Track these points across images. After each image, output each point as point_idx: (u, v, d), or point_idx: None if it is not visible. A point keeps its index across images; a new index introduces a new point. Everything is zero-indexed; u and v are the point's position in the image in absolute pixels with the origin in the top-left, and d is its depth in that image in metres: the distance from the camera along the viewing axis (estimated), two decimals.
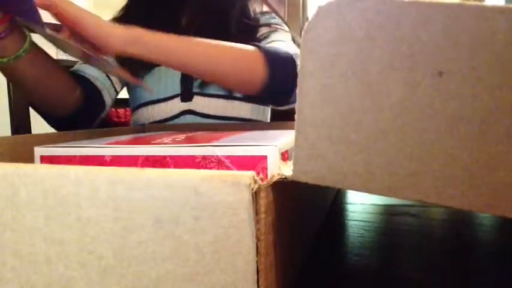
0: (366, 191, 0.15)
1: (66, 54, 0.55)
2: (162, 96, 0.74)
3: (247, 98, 0.76)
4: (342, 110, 0.15)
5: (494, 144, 0.13)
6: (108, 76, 0.72)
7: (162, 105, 0.74)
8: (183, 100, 0.74)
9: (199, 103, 0.73)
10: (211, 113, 0.74)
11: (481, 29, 0.13)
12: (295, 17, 1.65)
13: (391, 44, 0.14)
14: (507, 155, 0.13)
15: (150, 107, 0.75)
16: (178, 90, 0.74)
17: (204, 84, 0.73)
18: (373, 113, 0.15)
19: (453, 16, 0.13)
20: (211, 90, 0.74)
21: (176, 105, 0.74)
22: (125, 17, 0.74)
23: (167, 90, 0.74)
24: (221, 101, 0.74)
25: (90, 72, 0.70)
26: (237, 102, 0.75)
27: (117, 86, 0.75)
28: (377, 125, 0.15)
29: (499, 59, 0.13)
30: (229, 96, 0.74)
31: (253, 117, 0.78)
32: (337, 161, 0.15)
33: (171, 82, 0.74)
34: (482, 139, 0.13)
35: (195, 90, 0.74)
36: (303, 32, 0.16)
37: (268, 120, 0.86)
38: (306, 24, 0.15)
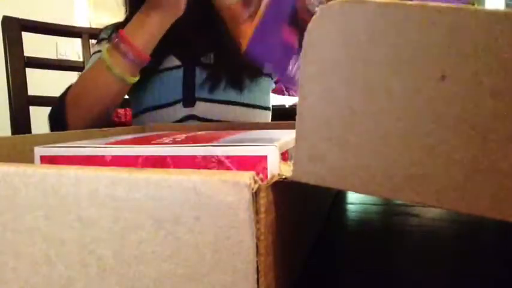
0: (366, 193, 0.15)
1: (66, 55, 0.58)
2: (164, 102, 0.74)
3: (250, 104, 0.76)
4: (343, 112, 0.15)
5: (496, 148, 0.13)
6: None
7: (165, 110, 0.74)
8: (185, 105, 0.73)
9: (202, 108, 0.73)
10: (214, 118, 0.74)
11: (484, 33, 0.13)
12: None
13: (394, 47, 0.14)
14: (508, 159, 0.13)
15: (153, 113, 0.75)
16: (180, 96, 0.74)
17: (206, 89, 0.73)
18: (375, 115, 0.15)
19: (457, 20, 0.13)
20: (213, 95, 0.74)
21: (179, 111, 0.74)
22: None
23: (169, 95, 0.74)
24: (223, 106, 0.74)
25: None
26: (238, 108, 0.75)
27: None
28: (378, 128, 0.15)
29: (501, 64, 0.13)
30: (231, 101, 0.74)
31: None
32: (338, 163, 0.15)
33: (173, 87, 0.74)
34: (483, 143, 0.13)
35: (197, 95, 0.74)
36: (305, 33, 0.16)
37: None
38: (309, 25, 0.15)
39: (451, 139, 0.14)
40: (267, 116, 0.84)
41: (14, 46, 0.92)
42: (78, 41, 1.05)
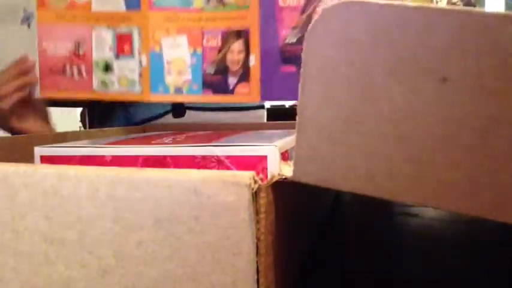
0: (366, 194, 0.15)
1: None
2: (154, 115, 0.73)
3: (242, 107, 0.76)
4: (343, 113, 0.15)
5: (497, 151, 0.13)
6: None
7: (158, 121, 0.74)
8: (175, 116, 0.73)
9: (193, 117, 0.73)
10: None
11: (486, 36, 0.13)
12: None
13: (395, 48, 0.14)
14: (509, 161, 0.13)
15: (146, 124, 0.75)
16: (169, 107, 0.73)
17: None
18: (375, 116, 0.15)
19: (459, 23, 0.13)
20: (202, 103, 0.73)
21: (170, 121, 0.73)
22: None
23: (158, 107, 0.73)
24: (214, 113, 0.74)
25: None
26: (229, 113, 0.75)
27: None
28: (378, 129, 0.15)
29: (503, 67, 0.13)
30: (220, 108, 0.74)
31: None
32: (338, 164, 0.15)
33: None
34: (484, 146, 0.13)
35: (187, 104, 0.73)
36: (306, 33, 0.16)
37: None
38: (310, 25, 0.15)
39: (452, 141, 0.14)
40: (261, 115, 0.83)
41: None
42: None
